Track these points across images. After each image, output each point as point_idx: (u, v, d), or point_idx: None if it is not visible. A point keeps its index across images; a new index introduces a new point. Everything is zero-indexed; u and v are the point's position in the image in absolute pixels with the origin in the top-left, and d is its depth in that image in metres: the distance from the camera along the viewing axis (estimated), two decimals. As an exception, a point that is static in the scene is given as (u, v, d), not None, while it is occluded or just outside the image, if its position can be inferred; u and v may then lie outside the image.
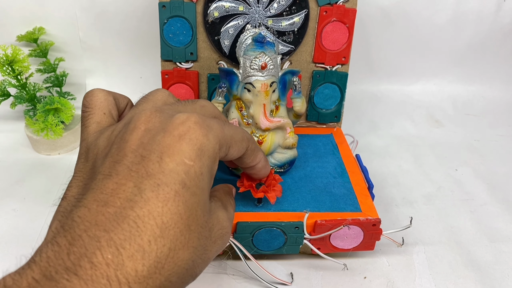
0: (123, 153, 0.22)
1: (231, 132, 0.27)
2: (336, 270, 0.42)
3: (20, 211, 0.48)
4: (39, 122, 0.55)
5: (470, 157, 0.61)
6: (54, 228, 0.21)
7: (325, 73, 0.52)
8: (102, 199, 0.21)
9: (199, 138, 0.23)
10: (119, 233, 0.20)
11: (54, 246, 0.20)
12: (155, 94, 0.28)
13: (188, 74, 0.51)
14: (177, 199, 0.21)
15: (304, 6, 0.49)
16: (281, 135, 0.44)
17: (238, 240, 0.39)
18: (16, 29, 0.61)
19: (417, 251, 0.45)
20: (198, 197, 0.22)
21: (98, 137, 0.25)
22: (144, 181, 0.21)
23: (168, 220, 0.21)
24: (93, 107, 0.27)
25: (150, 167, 0.22)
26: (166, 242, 0.20)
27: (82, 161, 0.25)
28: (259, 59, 0.40)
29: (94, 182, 0.22)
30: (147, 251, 0.20)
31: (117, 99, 0.29)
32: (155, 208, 0.21)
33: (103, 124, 0.27)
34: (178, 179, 0.22)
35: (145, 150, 0.22)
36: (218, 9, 0.48)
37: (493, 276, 0.42)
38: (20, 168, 0.56)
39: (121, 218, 0.20)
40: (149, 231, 0.20)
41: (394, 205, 0.51)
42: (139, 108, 0.27)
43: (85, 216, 0.20)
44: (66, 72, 0.63)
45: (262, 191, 0.37)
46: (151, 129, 0.23)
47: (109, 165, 0.22)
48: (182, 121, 0.23)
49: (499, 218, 0.50)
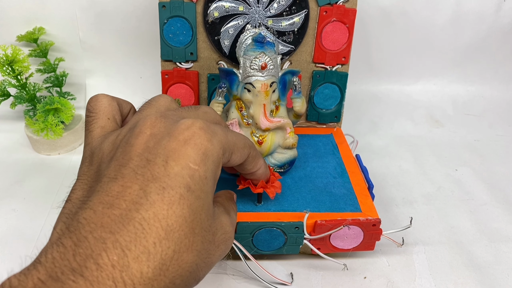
0: (129, 156, 0.23)
1: (234, 139, 0.27)
2: (336, 270, 0.42)
3: (20, 211, 0.48)
4: (39, 122, 0.55)
5: (470, 157, 0.61)
6: (59, 229, 0.21)
7: (325, 73, 0.52)
8: (107, 201, 0.21)
9: (204, 143, 0.23)
10: (125, 234, 0.20)
11: (60, 247, 0.20)
12: (158, 100, 0.29)
13: (188, 74, 0.51)
14: (182, 202, 0.21)
15: (304, 6, 0.49)
16: (281, 135, 0.44)
17: (238, 240, 0.39)
18: (16, 29, 0.61)
19: (417, 251, 0.45)
20: (202, 200, 0.23)
21: (103, 141, 0.26)
22: (150, 184, 0.21)
23: (173, 223, 0.21)
24: (98, 112, 0.27)
25: (155, 171, 0.22)
26: (171, 244, 0.21)
27: (86, 165, 0.25)
28: (259, 59, 0.40)
29: (99, 185, 0.22)
30: (152, 253, 0.20)
31: (121, 105, 0.29)
32: (160, 211, 0.21)
33: (107, 128, 0.27)
34: (183, 182, 0.22)
35: (150, 154, 0.23)
36: (218, 9, 0.48)
37: (493, 276, 0.42)
38: (20, 168, 0.56)
39: (127, 220, 0.20)
40: (154, 233, 0.20)
41: (394, 205, 0.51)
42: (143, 113, 0.27)
43: (91, 218, 0.20)
44: (66, 72, 0.63)
45: (261, 187, 0.37)
46: (156, 133, 0.24)
47: (115, 168, 0.22)
48: (187, 126, 0.24)
49: (499, 218, 0.50)
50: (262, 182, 0.37)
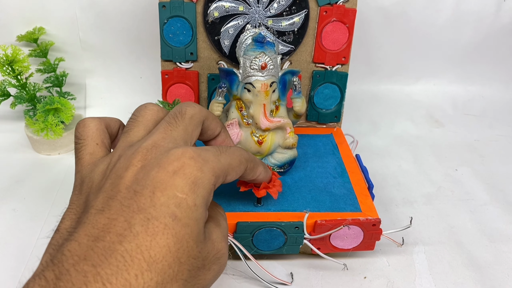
0: (117, 189, 0.23)
1: (228, 160, 0.26)
2: (336, 270, 0.42)
3: (20, 211, 0.48)
4: (39, 122, 0.55)
5: (470, 157, 0.61)
6: (44, 261, 0.21)
7: (325, 73, 0.52)
8: (93, 234, 0.21)
9: (193, 173, 0.23)
10: (106, 267, 0.20)
11: (42, 281, 0.19)
12: (144, 115, 0.28)
13: (188, 74, 0.51)
14: (166, 231, 0.21)
15: (304, 6, 0.49)
16: (281, 135, 0.44)
17: (238, 240, 0.39)
18: (16, 29, 0.61)
19: (417, 251, 0.45)
20: (190, 228, 0.22)
21: (93, 170, 0.25)
22: (135, 215, 0.21)
23: (155, 254, 0.21)
24: (85, 138, 0.27)
25: (141, 202, 0.22)
26: (154, 276, 0.20)
27: (76, 193, 0.25)
28: (259, 59, 0.40)
29: (86, 216, 0.22)
30: (134, 286, 0.19)
31: (109, 125, 0.29)
32: (144, 242, 0.20)
33: (96, 155, 0.27)
34: (168, 212, 0.22)
35: (138, 186, 0.22)
36: (218, 9, 0.48)
37: (493, 276, 0.42)
38: (20, 168, 0.56)
39: (109, 252, 0.20)
40: (136, 265, 0.20)
41: (394, 205, 0.51)
42: (130, 135, 0.27)
43: (75, 250, 0.20)
44: (66, 72, 0.63)
45: (263, 188, 0.37)
46: (146, 165, 0.23)
47: (103, 200, 0.22)
48: (177, 157, 0.23)
49: (499, 218, 0.50)
50: (264, 183, 0.38)
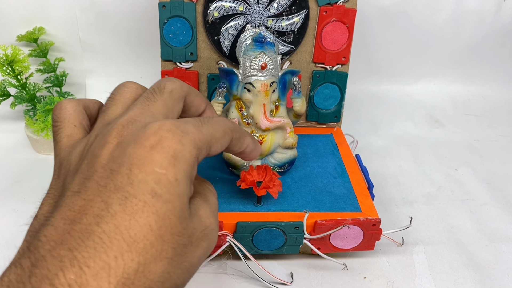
0: (94, 168, 0.22)
1: (211, 131, 0.25)
2: (336, 270, 0.42)
3: (20, 211, 0.48)
4: (39, 122, 0.55)
5: (470, 157, 0.61)
6: (21, 249, 0.20)
7: (325, 73, 0.52)
8: (69, 217, 0.20)
9: (172, 146, 0.22)
10: (83, 250, 0.19)
11: (18, 269, 0.19)
12: (122, 93, 0.27)
13: (188, 74, 0.51)
14: (146, 209, 0.20)
15: (304, 6, 0.49)
16: (281, 135, 0.44)
17: (238, 240, 0.39)
18: (16, 29, 0.61)
19: (417, 251, 0.45)
20: (172, 204, 0.21)
21: (71, 152, 0.24)
22: (112, 195, 0.20)
23: (136, 233, 0.20)
24: (62, 121, 0.26)
25: (118, 180, 0.21)
26: (135, 256, 0.19)
27: (55, 177, 0.24)
28: (259, 59, 0.40)
29: (62, 200, 0.21)
30: (114, 268, 0.19)
31: (87, 106, 0.28)
32: (122, 222, 0.19)
33: (74, 137, 0.26)
34: (147, 189, 0.20)
35: (115, 164, 0.21)
36: (218, 9, 0.48)
37: (493, 276, 0.42)
38: (20, 168, 0.56)
39: (86, 235, 0.19)
40: (115, 247, 0.19)
41: (394, 205, 0.51)
42: (108, 114, 0.26)
43: (51, 235, 0.19)
44: (66, 72, 0.63)
45: (264, 188, 0.37)
46: (122, 142, 0.22)
47: (79, 182, 0.21)
48: (154, 131, 0.22)
49: (499, 218, 0.50)
50: (265, 183, 0.38)
